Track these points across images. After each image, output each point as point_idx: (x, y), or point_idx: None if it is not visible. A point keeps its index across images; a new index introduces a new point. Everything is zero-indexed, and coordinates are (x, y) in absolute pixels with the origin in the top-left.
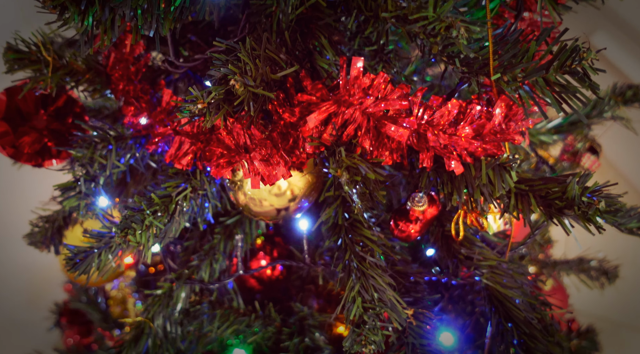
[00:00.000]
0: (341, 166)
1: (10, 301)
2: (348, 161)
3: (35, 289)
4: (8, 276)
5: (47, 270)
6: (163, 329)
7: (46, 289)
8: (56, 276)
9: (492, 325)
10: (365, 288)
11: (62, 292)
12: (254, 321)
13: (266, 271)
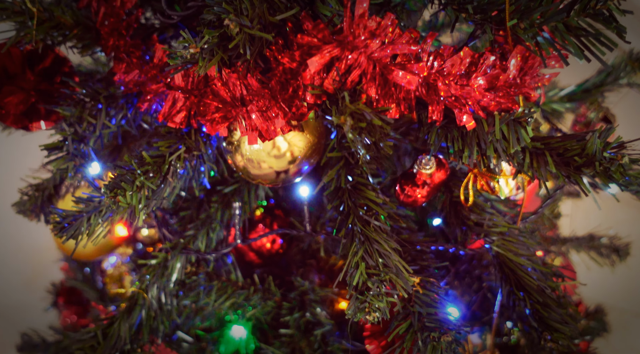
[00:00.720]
0: (344, 112)
1: (6, 283)
2: (352, 106)
3: (31, 270)
4: (3, 257)
5: (43, 251)
6: (158, 300)
7: (42, 270)
8: (52, 256)
9: (503, 295)
10: (369, 253)
11: (58, 272)
12: (252, 295)
13: (266, 245)
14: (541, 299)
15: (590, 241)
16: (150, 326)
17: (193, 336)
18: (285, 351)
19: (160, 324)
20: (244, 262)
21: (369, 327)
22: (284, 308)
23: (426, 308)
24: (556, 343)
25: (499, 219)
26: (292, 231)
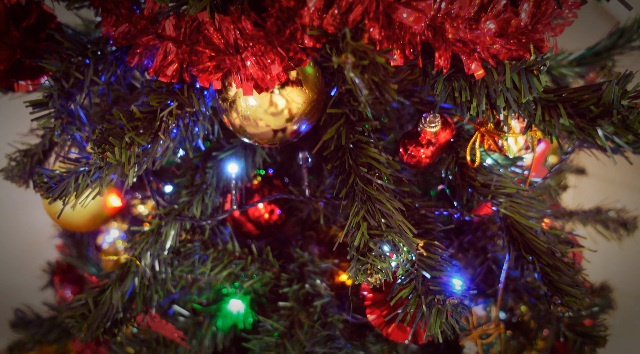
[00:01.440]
0: (346, 49)
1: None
2: (354, 43)
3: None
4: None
5: (38, 230)
6: (151, 268)
7: (37, 249)
8: (47, 233)
9: (511, 258)
10: (371, 213)
11: (54, 251)
12: (250, 265)
13: (264, 215)
14: (551, 261)
15: (597, 214)
16: (143, 296)
17: (190, 310)
18: (284, 324)
19: (154, 293)
20: (241, 233)
21: (369, 297)
22: (282, 279)
23: (430, 271)
24: (567, 307)
25: (506, 180)
26: (290, 196)
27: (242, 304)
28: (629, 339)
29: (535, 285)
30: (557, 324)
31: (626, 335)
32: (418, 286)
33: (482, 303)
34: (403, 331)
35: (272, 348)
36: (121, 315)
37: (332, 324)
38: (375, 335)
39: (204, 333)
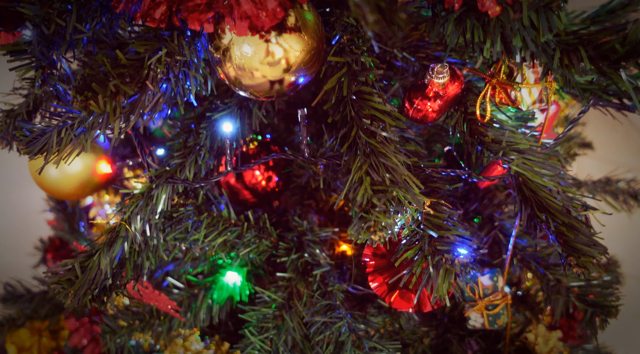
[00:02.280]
0: None
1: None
2: None
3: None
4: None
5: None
6: (142, 233)
7: (29, 227)
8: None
9: (523, 218)
10: (374, 168)
11: (46, 228)
12: (246, 233)
13: (261, 182)
14: (567, 220)
15: (606, 184)
16: (134, 262)
17: (184, 282)
18: (282, 295)
19: (145, 260)
20: (237, 202)
21: (371, 264)
22: (280, 248)
23: (437, 231)
24: (583, 267)
25: (518, 136)
26: (289, 156)
27: (239, 277)
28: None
29: (544, 254)
30: (567, 295)
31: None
32: (424, 246)
33: (488, 273)
34: (407, 299)
35: (270, 320)
36: (110, 282)
37: (333, 293)
38: (377, 307)
39: (199, 305)
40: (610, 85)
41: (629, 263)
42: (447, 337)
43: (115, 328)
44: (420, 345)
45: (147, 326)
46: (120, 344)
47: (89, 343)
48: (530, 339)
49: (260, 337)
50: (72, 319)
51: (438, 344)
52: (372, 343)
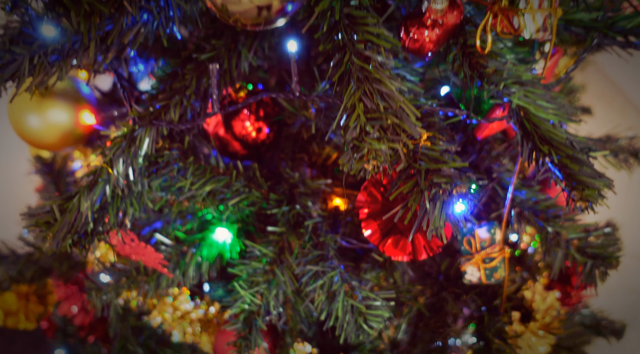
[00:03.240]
0: None
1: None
2: None
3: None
4: None
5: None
6: (125, 177)
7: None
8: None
9: (524, 154)
10: (368, 94)
11: (34, 195)
12: (235, 181)
13: (251, 134)
14: (570, 152)
15: (606, 142)
16: (117, 208)
17: (172, 239)
18: (273, 250)
19: (129, 206)
20: (226, 153)
21: (365, 211)
22: (271, 199)
23: (435, 164)
24: (587, 201)
25: (520, 68)
26: (279, 95)
27: (229, 233)
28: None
29: (543, 207)
30: (566, 247)
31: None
32: (420, 180)
33: (485, 226)
34: (401, 247)
35: (260, 274)
36: (91, 226)
37: (325, 244)
38: (371, 262)
39: (188, 262)
40: (618, 21)
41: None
42: (443, 295)
43: (101, 284)
44: (415, 304)
45: (134, 283)
46: (106, 302)
47: (79, 312)
48: (527, 297)
49: (250, 291)
50: (60, 285)
51: (433, 303)
52: (366, 293)
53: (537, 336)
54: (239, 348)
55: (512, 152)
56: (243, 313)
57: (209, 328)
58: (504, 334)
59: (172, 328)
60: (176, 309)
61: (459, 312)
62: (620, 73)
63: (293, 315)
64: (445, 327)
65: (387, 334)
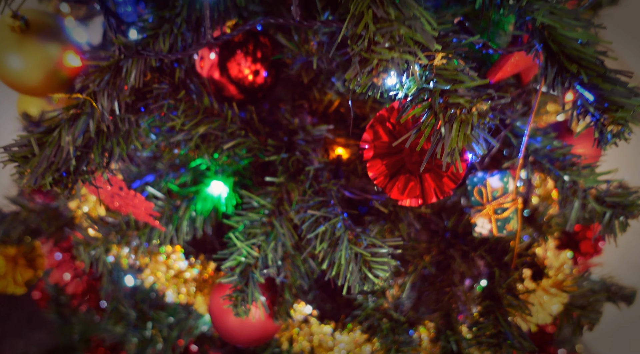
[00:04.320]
0: None
1: None
2: None
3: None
4: None
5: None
6: (110, 113)
7: None
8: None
9: (549, 77)
10: (377, 1)
11: None
12: (230, 123)
13: (247, 77)
14: (601, 70)
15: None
16: (102, 147)
17: (165, 192)
18: (272, 201)
19: (115, 145)
20: (222, 98)
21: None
22: (269, 145)
23: (451, 84)
24: (620, 124)
25: None
26: (277, 20)
27: (225, 187)
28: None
29: (559, 154)
30: (584, 197)
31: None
32: (434, 102)
33: (498, 174)
34: (409, 191)
35: (258, 226)
36: (74, 164)
37: (327, 190)
38: (375, 213)
39: (182, 216)
40: None
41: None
42: (450, 253)
43: (90, 239)
44: (420, 262)
45: (124, 238)
46: (95, 257)
47: (72, 280)
48: (539, 254)
49: (247, 243)
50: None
51: (440, 261)
52: (371, 239)
53: (549, 294)
54: (235, 302)
55: (526, 98)
56: (239, 266)
57: (204, 288)
58: (515, 290)
59: (166, 288)
60: (169, 267)
61: (466, 270)
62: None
63: (293, 271)
64: (452, 286)
65: (391, 293)
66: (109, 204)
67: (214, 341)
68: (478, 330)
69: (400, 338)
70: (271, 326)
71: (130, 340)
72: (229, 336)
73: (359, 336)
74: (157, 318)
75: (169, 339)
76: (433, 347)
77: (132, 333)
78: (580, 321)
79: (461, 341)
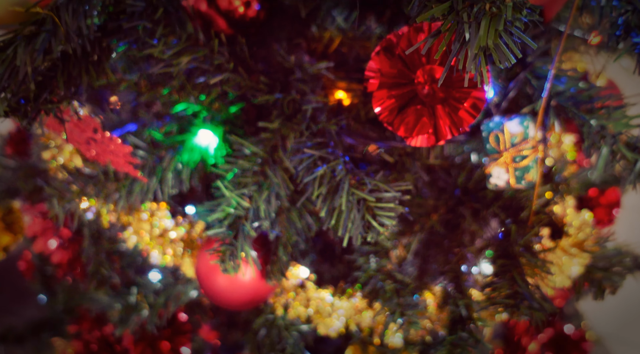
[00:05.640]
0: None
1: None
2: None
3: None
4: None
5: None
6: (77, 34)
7: None
8: None
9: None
10: None
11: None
12: (217, 54)
13: (238, 9)
14: None
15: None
16: (68, 74)
17: (148, 142)
18: (265, 149)
19: (83, 73)
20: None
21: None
22: (262, 84)
23: None
24: None
25: None
26: None
27: (214, 137)
28: None
29: (585, 96)
30: (612, 143)
31: None
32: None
33: (517, 117)
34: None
35: (249, 175)
36: (34, 89)
37: (326, 131)
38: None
39: (166, 167)
40: None
41: None
42: (459, 211)
43: (64, 191)
44: (427, 220)
45: (102, 190)
46: (69, 211)
47: (57, 249)
48: (558, 212)
49: (237, 192)
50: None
51: (448, 220)
52: (376, 182)
53: (569, 255)
54: (223, 257)
55: (548, 36)
56: (228, 218)
57: (192, 250)
58: (533, 249)
59: (150, 249)
60: (154, 226)
61: (478, 229)
62: None
63: (288, 227)
64: (462, 247)
65: (395, 253)
66: (85, 153)
67: (205, 311)
68: (492, 291)
69: (407, 299)
70: (264, 287)
71: (114, 307)
72: (217, 297)
73: (359, 302)
74: (143, 283)
75: (155, 305)
76: (440, 312)
77: (116, 299)
78: (602, 284)
79: (471, 305)
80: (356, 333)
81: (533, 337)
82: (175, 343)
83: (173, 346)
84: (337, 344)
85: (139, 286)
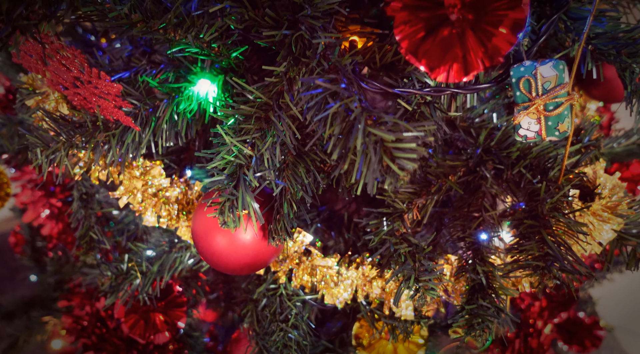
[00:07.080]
0: None
1: None
2: None
3: None
4: None
5: None
6: None
7: None
8: None
9: None
10: None
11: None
12: None
13: None
14: None
15: None
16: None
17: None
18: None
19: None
20: None
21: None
22: (267, 17)
23: None
24: None
25: None
26: None
27: (213, 86)
28: None
29: (627, 38)
30: None
31: None
32: None
33: (551, 61)
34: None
35: (252, 122)
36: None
37: (340, 67)
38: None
39: (161, 116)
40: None
41: None
42: (480, 172)
43: (48, 140)
44: (445, 182)
45: (91, 140)
46: (54, 162)
47: (47, 220)
48: (589, 174)
49: (238, 139)
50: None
51: (468, 182)
52: (396, 120)
53: (601, 219)
54: (222, 208)
55: None
56: (228, 166)
57: (188, 211)
58: (563, 209)
59: (144, 209)
60: (147, 184)
61: (499, 192)
62: None
63: (293, 182)
64: (482, 211)
65: (410, 216)
66: (72, 98)
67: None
68: (519, 253)
69: (424, 264)
70: (265, 249)
71: (104, 275)
72: (215, 259)
73: (368, 271)
74: (135, 250)
75: (148, 274)
76: (457, 282)
77: (106, 266)
78: (637, 252)
79: (493, 272)
80: (364, 305)
81: (548, 320)
82: (170, 316)
83: (167, 319)
84: (343, 321)
85: (131, 253)
